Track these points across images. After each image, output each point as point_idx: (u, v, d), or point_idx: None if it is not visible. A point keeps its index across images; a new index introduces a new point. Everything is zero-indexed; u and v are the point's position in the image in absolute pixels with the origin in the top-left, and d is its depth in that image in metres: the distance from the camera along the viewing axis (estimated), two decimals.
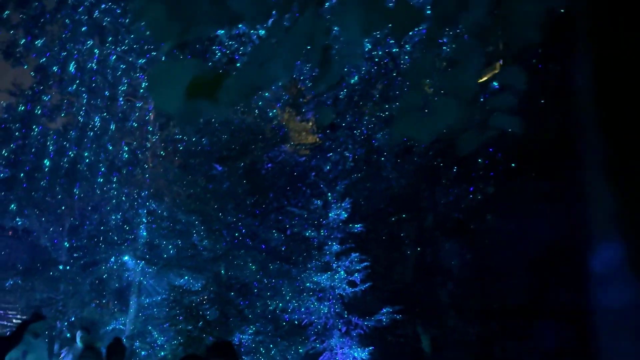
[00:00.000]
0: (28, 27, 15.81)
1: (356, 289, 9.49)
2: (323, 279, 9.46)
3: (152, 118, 17.66)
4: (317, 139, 13.17)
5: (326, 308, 9.37)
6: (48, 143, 16.41)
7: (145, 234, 16.80)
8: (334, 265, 9.60)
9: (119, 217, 17.19)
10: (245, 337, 9.77)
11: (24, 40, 15.16)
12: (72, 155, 16.72)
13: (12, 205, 18.22)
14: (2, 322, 24.72)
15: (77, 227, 18.77)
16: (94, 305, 18.49)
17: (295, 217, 10.16)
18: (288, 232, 10.94)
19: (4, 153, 15.63)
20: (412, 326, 10.70)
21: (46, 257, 17.83)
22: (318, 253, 9.70)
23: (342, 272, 9.54)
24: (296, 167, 12.57)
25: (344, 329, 9.43)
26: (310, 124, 14.32)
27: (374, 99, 13.04)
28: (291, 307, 9.46)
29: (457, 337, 9.24)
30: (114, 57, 16.78)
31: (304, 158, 12.82)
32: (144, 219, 16.75)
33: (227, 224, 12.61)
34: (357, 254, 9.40)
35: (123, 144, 17.12)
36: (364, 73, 12.83)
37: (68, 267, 18.09)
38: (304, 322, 9.62)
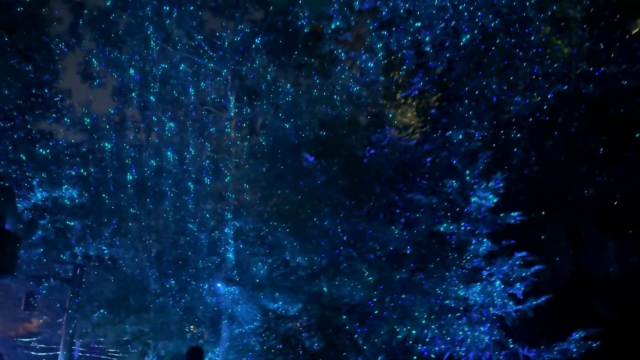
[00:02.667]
0: (102, 43, 15.09)
1: (523, 306, 6.44)
2: (471, 293, 6.55)
3: (233, 126, 16.28)
4: (429, 117, 10.42)
5: (481, 335, 6.41)
6: (127, 160, 15.31)
7: (231, 256, 15.12)
8: (485, 273, 6.66)
9: (204, 237, 15.70)
10: None
11: (95, 50, 14.23)
12: (153, 171, 15.54)
13: (106, 233, 17.47)
14: (102, 357, 24.23)
15: (164, 253, 17.45)
16: (189, 337, 16.88)
17: (420, 208, 7.37)
18: (406, 233, 8.14)
19: (81, 173, 14.64)
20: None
21: (134, 287, 16.58)
22: (459, 256, 6.82)
23: (497, 282, 6.57)
24: (405, 153, 9.87)
25: None
26: (415, 103, 11.62)
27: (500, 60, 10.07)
28: (429, 334, 6.61)
29: None
30: (185, 64, 15.58)
31: (414, 141, 10.08)
32: (230, 240, 15.13)
33: (324, 231, 10.20)
34: (523, 254, 6.37)
35: (207, 152, 15.63)
36: (484, 28, 9.97)
37: (160, 298, 16.71)
38: (447, 354, 6.73)
